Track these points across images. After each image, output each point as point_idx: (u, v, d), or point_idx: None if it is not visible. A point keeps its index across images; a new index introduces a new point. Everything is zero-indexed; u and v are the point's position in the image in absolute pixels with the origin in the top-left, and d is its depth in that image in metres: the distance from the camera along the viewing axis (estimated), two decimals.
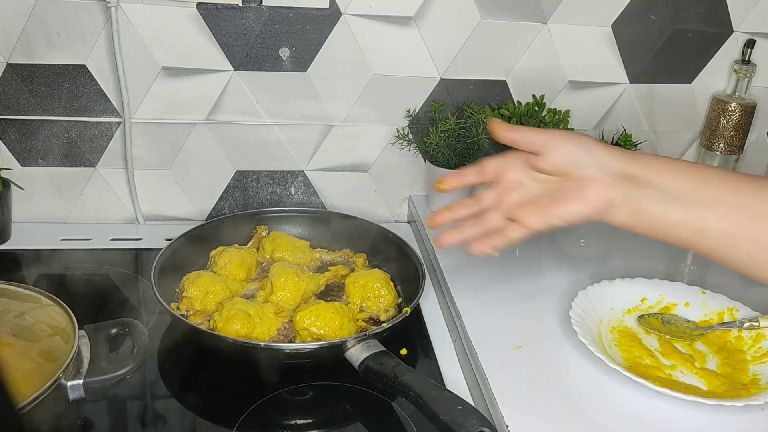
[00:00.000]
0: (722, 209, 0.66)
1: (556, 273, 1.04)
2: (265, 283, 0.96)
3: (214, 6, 1.04)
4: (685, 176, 0.67)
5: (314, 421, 0.82)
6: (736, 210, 0.65)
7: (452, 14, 1.10)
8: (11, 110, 1.07)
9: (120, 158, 1.13)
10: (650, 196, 0.68)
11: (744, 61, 1.19)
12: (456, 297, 0.96)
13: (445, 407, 0.72)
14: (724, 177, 0.67)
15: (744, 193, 0.65)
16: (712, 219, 0.66)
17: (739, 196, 0.65)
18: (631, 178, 0.69)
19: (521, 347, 0.87)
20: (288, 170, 1.18)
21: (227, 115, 1.12)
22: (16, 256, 1.07)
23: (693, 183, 0.67)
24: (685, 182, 0.67)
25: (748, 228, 0.65)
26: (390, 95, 1.15)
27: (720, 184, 0.67)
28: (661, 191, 0.68)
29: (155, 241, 1.09)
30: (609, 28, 1.16)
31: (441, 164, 1.14)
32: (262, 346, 0.81)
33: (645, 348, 0.89)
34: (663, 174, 0.68)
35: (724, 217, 0.66)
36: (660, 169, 0.68)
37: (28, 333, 0.77)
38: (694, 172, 0.68)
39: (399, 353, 0.89)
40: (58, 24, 1.02)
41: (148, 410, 0.80)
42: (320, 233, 1.11)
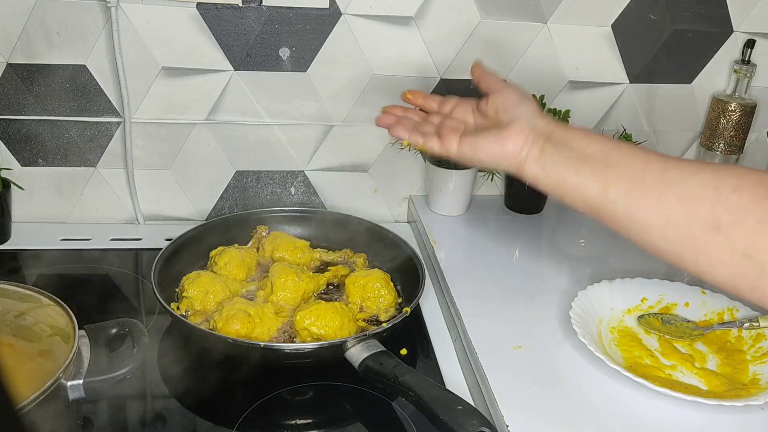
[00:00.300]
0: (626, 170, 0.66)
1: (556, 273, 1.04)
2: (265, 283, 0.96)
3: (214, 6, 1.04)
4: (598, 142, 0.70)
5: (314, 421, 0.82)
6: (639, 173, 0.66)
7: (452, 14, 1.10)
8: (11, 110, 1.07)
9: (120, 158, 1.13)
10: (563, 155, 0.70)
11: (744, 61, 1.19)
12: (456, 297, 0.96)
13: (445, 407, 0.72)
14: (636, 147, 0.69)
15: (652, 160, 0.66)
16: (614, 178, 0.66)
17: (647, 161, 0.66)
18: (551, 139, 0.72)
19: (521, 347, 0.87)
20: (288, 170, 1.18)
21: (227, 115, 1.12)
22: (16, 256, 1.07)
23: (604, 146, 0.69)
24: (597, 146, 0.69)
25: (648, 191, 0.65)
26: (390, 95, 1.14)
27: (631, 151, 0.68)
28: (574, 151, 0.70)
29: (155, 241, 1.09)
30: (609, 28, 1.16)
31: (441, 164, 1.14)
32: (262, 346, 0.81)
33: (645, 348, 0.89)
34: (579, 137, 0.71)
35: (627, 178, 0.66)
36: (578, 134, 0.71)
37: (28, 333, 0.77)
38: (608, 140, 0.70)
39: (399, 353, 0.89)
40: (58, 24, 1.02)
41: (148, 410, 0.80)
42: (320, 233, 1.11)
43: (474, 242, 1.13)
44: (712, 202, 0.60)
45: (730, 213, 0.59)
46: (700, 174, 0.62)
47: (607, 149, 0.68)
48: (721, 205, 0.60)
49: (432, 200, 1.18)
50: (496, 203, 1.24)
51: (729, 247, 0.60)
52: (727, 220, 0.59)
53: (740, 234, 0.59)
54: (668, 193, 0.63)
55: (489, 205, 1.23)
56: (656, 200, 0.64)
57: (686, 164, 0.64)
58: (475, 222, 1.18)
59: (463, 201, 1.18)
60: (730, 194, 0.60)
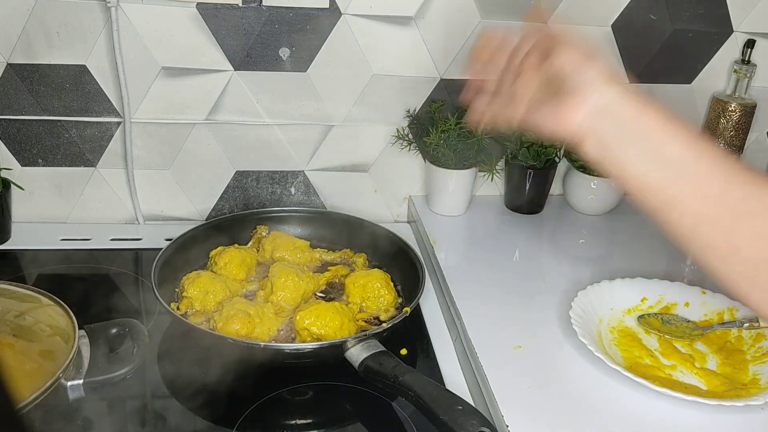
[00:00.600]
0: (702, 189, 0.60)
1: (556, 273, 1.04)
2: (265, 283, 0.96)
3: (214, 6, 1.04)
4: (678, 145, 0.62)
5: (314, 421, 0.82)
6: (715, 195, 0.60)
7: (452, 14, 1.10)
8: (11, 110, 1.07)
9: (120, 158, 1.13)
10: (632, 146, 0.63)
11: (744, 61, 1.19)
12: (456, 297, 0.96)
13: (445, 407, 0.72)
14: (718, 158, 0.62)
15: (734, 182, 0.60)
16: (687, 193, 0.61)
17: (728, 183, 0.60)
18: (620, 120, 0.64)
19: (521, 347, 0.87)
20: (288, 170, 1.18)
21: (227, 115, 1.12)
22: (16, 256, 1.07)
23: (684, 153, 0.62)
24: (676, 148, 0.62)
25: (721, 217, 0.60)
26: (390, 95, 1.15)
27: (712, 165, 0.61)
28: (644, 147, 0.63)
29: (155, 241, 1.09)
30: (609, 28, 1.16)
31: (441, 164, 1.14)
32: (262, 346, 0.81)
33: (645, 348, 0.89)
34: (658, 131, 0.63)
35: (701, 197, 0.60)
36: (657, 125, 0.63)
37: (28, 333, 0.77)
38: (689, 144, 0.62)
39: (399, 353, 0.89)
40: (58, 24, 1.02)
41: (148, 410, 0.80)
42: (320, 233, 1.11)
43: (474, 242, 1.13)
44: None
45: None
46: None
47: (686, 157, 0.61)
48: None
49: (432, 200, 1.18)
50: (496, 203, 1.24)
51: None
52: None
53: None
54: (741, 225, 0.58)
55: (489, 205, 1.23)
56: (727, 229, 0.59)
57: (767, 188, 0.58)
58: (475, 222, 1.18)
59: (463, 201, 1.18)
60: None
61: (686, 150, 0.61)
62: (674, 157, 0.61)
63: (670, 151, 0.61)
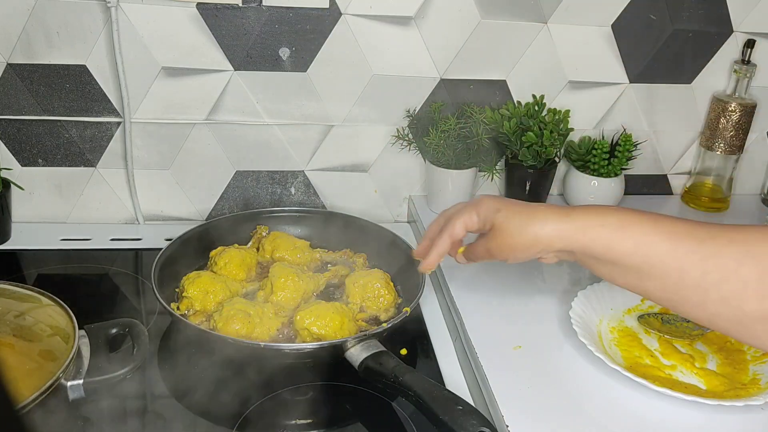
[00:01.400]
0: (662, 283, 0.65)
1: (556, 273, 1.04)
2: (265, 283, 0.96)
3: (214, 6, 1.04)
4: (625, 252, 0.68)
5: (314, 421, 0.82)
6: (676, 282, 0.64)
7: (452, 14, 1.10)
8: (11, 110, 1.07)
9: (120, 158, 1.13)
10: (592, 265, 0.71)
11: (744, 61, 1.19)
12: (456, 297, 0.96)
13: (445, 407, 0.72)
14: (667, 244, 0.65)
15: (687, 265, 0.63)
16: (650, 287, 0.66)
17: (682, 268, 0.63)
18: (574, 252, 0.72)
19: (521, 347, 0.87)
20: (288, 170, 1.18)
21: (227, 115, 1.12)
22: (16, 256, 1.07)
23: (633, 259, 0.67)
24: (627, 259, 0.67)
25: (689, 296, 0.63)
26: (390, 95, 1.15)
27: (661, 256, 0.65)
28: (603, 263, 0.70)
29: (155, 241, 1.09)
30: (609, 28, 1.16)
31: (441, 164, 1.14)
32: (262, 346, 0.81)
33: (645, 348, 0.89)
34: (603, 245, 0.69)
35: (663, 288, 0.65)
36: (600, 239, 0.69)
37: (28, 333, 0.77)
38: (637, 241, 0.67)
39: (399, 353, 0.89)
40: (58, 24, 1.02)
41: (148, 410, 0.80)
42: (320, 233, 1.11)
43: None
44: (758, 297, 0.59)
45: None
46: (741, 269, 0.60)
47: (639, 258, 0.65)
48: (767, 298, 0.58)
49: (432, 200, 1.18)
50: None
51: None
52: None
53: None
54: (711, 295, 0.61)
55: None
56: (700, 303, 0.62)
57: (725, 257, 0.61)
58: None
59: (463, 201, 1.17)
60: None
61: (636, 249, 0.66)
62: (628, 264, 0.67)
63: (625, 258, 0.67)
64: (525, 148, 1.12)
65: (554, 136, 1.12)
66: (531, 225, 0.71)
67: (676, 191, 1.33)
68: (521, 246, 0.72)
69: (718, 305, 0.61)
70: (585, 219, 0.69)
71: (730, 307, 0.61)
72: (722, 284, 0.61)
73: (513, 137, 1.13)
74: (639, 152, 1.22)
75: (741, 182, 1.31)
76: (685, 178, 1.31)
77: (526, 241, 0.72)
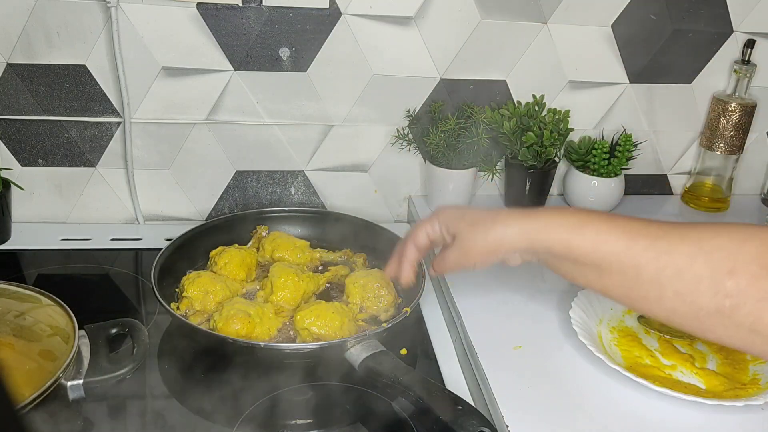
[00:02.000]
0: (620, 280, 0.66)
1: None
2: (265, 283, 0.96)
3: (214, 6, 1.04)
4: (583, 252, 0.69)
5: (314, 421, 0.82)
6: (633, 278, 0.66)
7: (452, 14, 1.10)
8: (11, 110, 1.07)
9: (120, 158, 1.13)
10: (553, 265, 0.73)
11: (744, 61, 1.19)
12: (456, 297, 0.96)
13: (445, 407, 0.72)
14: (623, 243, 0.67)
15: (643, 262, 0.65)
16: (609, 285, 0.67)
17: (638, 265, 0.65)
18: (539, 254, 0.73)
19: (521, 347, 0.87)
20: (288, 170, 1.18)
21: (227, 115, 1.12)
22: (16, 256, 1.07)
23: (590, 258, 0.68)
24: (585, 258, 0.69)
25: (646, 293, 0.65)
26: (390, 95, 1.15)
27: (618, 255, 0.67)
28: (562, 262, 0.71)
29: (155, 241, 1.09)
30: (609, 28, 1.16)
31: (441, 164, 1.14)
32: (262, 346, 0.81)
33: (645, 348, 0.89)
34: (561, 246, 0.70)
35: (621, 285, 0.66)
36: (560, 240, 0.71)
37: (28, 333, 0.77)
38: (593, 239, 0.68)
39: (399, 353, 0.89)
40: (58, 24, 1.02)
41: (148, 410, 0.80)
42: (320, 233, 1.11)
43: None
44: (711, 291, 0.61)
45: (729, 298, 0.60)
46: (695, 266, 0.62)
47: (595, 259, 0.67)
48: (720, 293, 0.60)
49: (432, 200, 1.18)
50: (496, 203, 1.23)
51: (734, 326, 0.61)
52: (729, 304, 0.60)
53: (742, 314, 0.60)
54: (666, 292, 0.63)
55: (489, 205, 1.22)
56: (656, 299, 0.64)
57: (678, 253, 0.63)
58: None
59: (463, 201, 1.18)
60: (727, 281, 0.60)
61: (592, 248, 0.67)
62: (587, 263, 0.68)
63: (584, 258, 0.68)
64: (525, 148, 1.12)
65: (554, 136, 1.12)
66: (495, 228, 0.73)
67: (676, 191, 1.33)
68: (486, 249, 0.74)
69: (674, 301, 0.63)
70: (546, 219, 0.71)
71: (685, 303, 0.63)
72: (677, 280, 0.63)
73: (513, 137, 1.13)
74: (639, 152, 1.22)
75: (741, 182, 1.31)
76: (685, 178, 1.31)
77: (491, 244, 0.73)
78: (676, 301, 0.63)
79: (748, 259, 0.60)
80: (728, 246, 0.62)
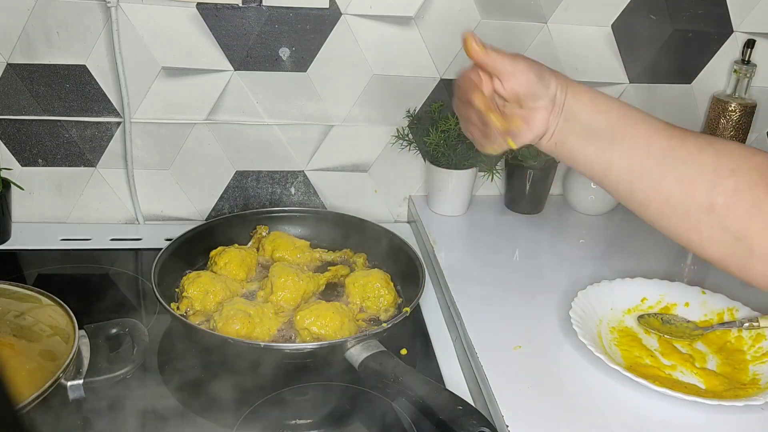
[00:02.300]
0: (629, 148, 0.68)
1: (556, 273, 1.04)
2: (265, 283, 0.96)
3: (214, 6, 1.04)
4: (606, 114, 0.71)
5: (314, 421, 0.82)
6: (642, 151, 0.68)
7: (452, 14, 1.10)
8: (11, 110, 1.07)
9: (120, 158, 1.13)
10: (573, 130, 0.72)
11: (744, 61, 1.19)
12: (456, 297, 0.96)
13: (445, 407, 0.72)
14: (642, 119, 0.70)
15: (656, 137, 0.68)
16: (617, 155, 0.69)
17: (650, 138, 0.68)
18: (566, 111, 0.72)
19: (521, 347, 0.87)
20: (288, 170, 1.18)
21: (227, 115, 1.12)
22: (16, 256, 1.07)
23: (610, 120, 0.70)
24: (603, 119, 0.71)
25: (649, 170, 0.67)
26: (390, 95, 1.15)
27: (636, 125, 0.69)
28: (583, 126, 0.71)
29: (155, 241, 1.09)
30: (609, 28, 1.16)
31: (441, 164, 1.14)
32: (262, 346, 0.81)
33: (645, 348, 0.89)
34: (588, 110, 0.72)
35: (630, 155, 0.68)
36: (587, 105, 0.72)
37: (28, 333, 0.77)
38: (615, 110, 0.71)
39: (399, 353, 0.89)
40: (58, 24, 1.02)
41: (148, 410, 0.80)
42: (320, 233, 1.11)
43: (474, 242, 1.13)
44: (710, 184, 0.62)
45: (725, 195, 0.62)
46: (701, 155, 0.64)
47: (614, 123, 0.69)
48: (718, 187, 0.62)
49: (432, 200, 1.18)
50: (496, 203, 1.24)
51: (721, 227, 0.62)
52: (721, 202, 0.62)
53: (732, 216, 0.61)
54: (668, 174, 0.65)
55: (489, 205, 1.23)
56: (656, 180, 0.66)
57: (689, 143, 0.65)
58: (475, 222, 1.18)
59: (463, 201, 1.18)
60: (727, 178, 0.61)
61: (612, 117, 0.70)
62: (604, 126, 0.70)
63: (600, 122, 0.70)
64: (525, 148, 1.12)
65: None
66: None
67: None
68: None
69: (672, 185, 0.65)
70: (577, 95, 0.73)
71: (683, 191, 0.64)
72: (681, 165, 0.65)
73: None
74: None
75: None
76: None
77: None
78: (674, 186, 0.65)
79: (753, 166, 0.62)
80: (737, 150, 0.64)
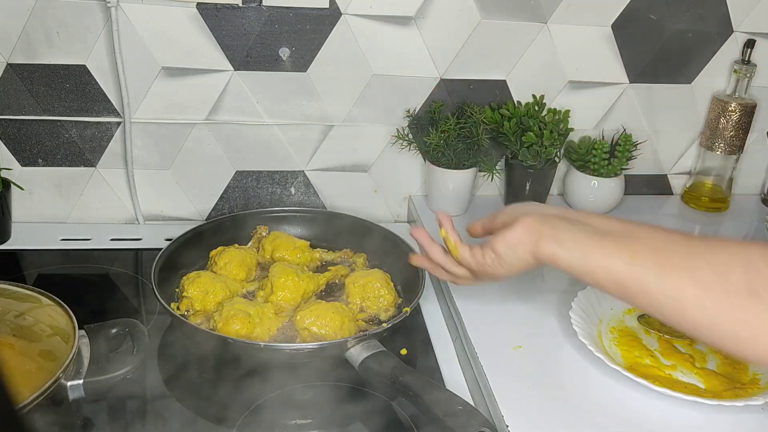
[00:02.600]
0: (651, 243, 0.65)
1: (556, 273, 1.03)
2: (265, 283, 0.96)
3: (214, 6, 1.04)
4: (616, 221, 0.72)
5: (314, 421, 0.82)
6: (664, 245, 0.64)
7: (452, 14, 1.10)
8: (11, 110, 1.07)
9: (120, 158, 1.13)
10: (580, 230, 0.70)
11: (744, 61, 1.19)
12: (456, 297, 0.96)
13: (445, 407, 0.72)
14: (657, 226, 0.69)
15: (674, 235, 0.65)
16: (640, 249, 0.65)
17: (669, 236, 0.65)
18: (566, 217, 0.73)
19: (521, 347, 0.87)
20: (288, 170, 1.18)
21: (227, 115, 1.12)
22: (16, 256, 1.07)
23: (623, 224, 0.70)
24: (615, 224, 0.71)
25: (679, 261, 0.63)
26: (390, 95, 1.15)
27: (650, 227, 0.68)
28: (591, 227, 0.71)
29: (155, 241, 1.09)
30: (609, 28, 1.16)
31: (441, 164, 1.14)
32: (262, 346, 0.81)
33: (645, 348, 0.89)
34: (596, 218, 0.73)
35: (654, 249, 0.64)
36: (593, 215, 0.74)
37: (28, 333, 0.77)
38: (625, 220, 0.71)
39: (399, 353, 0.89)
40: (58, 24, 1.02)
41: (148, 410, 0.80)
42: (320, 233, 1.11)
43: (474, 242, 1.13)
44: (745, 269, 0.58)
45: (764, 283, 0.57)
46: (726, 245, 0.61)
47: (627, 225, 0.69)
48: (754, 275, 0.58)
49: (432, 200, 1.18)
50: (496, 203, 1.23)
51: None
52: (763, 289, 0.57)
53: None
54: (700, 262, 0.61)
55: (489, 205, 1.22)
56: (689, 269, 0.61)
57: (709, 238, 0.64)
58: None
59: (463, 201, 1.18)
60: (762, 267, 0.58)
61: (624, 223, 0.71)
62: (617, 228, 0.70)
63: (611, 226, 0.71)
64: (525, 148, 1.12)
65: (554, 136, 1.12)
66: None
67: (676, 191, 1.33)
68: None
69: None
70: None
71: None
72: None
73: (513, 137, 1.13)
74: (639, 152, 1.22)
75: (741, 182, 1.31)
76: (685, 178, 1.31)
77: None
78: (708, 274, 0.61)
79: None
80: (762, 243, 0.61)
